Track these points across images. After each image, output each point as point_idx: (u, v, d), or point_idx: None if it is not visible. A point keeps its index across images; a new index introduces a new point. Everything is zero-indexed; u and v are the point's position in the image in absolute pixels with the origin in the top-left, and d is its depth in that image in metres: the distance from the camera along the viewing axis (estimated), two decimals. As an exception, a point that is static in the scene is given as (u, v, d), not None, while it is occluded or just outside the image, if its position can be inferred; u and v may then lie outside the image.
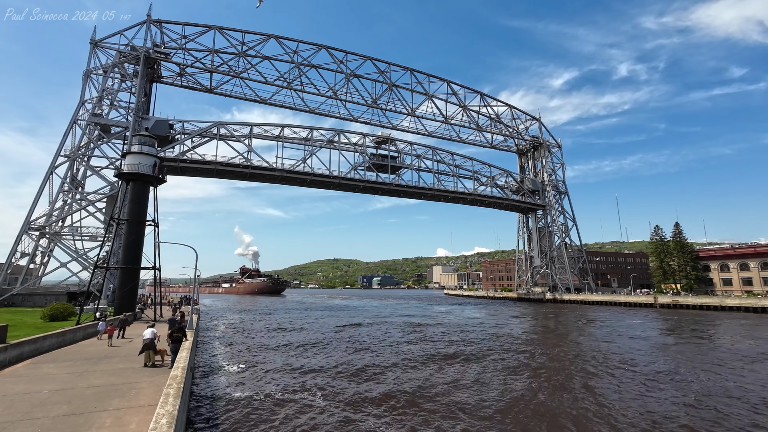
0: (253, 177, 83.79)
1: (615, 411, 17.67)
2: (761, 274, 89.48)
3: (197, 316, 44.10)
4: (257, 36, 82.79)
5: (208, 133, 77.16)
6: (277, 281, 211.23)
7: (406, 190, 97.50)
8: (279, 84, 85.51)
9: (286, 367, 26.31)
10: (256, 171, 79.86)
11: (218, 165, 76.53)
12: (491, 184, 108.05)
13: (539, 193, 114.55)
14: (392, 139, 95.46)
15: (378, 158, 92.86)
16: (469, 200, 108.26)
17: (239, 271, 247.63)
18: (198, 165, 75.69)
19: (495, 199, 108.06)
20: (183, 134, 75.77)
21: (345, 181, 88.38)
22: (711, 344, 36.13)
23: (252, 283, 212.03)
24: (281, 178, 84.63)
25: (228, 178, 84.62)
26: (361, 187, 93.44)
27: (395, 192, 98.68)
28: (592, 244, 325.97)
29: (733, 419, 16.71)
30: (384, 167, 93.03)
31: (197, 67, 79.75)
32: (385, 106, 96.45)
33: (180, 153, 74.21)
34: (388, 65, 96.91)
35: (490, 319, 61.16)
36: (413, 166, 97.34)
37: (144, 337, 17.68)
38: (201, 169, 77.72)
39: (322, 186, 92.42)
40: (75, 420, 10.43)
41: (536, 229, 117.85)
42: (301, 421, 16.29)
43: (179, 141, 74.84)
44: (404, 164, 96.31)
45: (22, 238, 58.90)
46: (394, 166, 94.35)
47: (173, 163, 72.12)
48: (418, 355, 31.16)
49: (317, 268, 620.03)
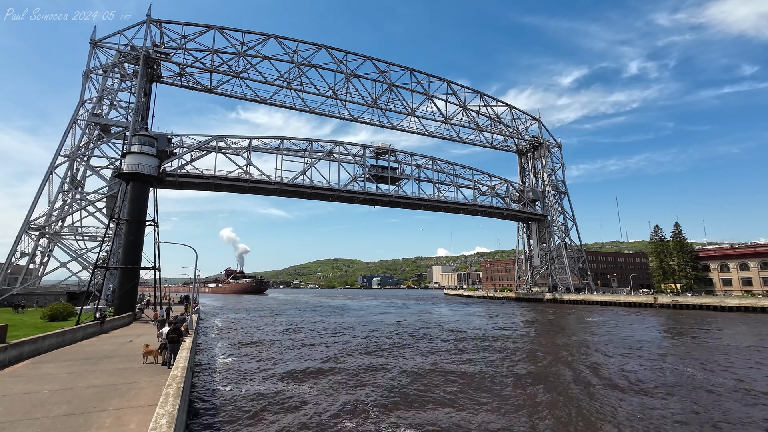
0: (252, 190, 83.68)
1: (615, 411, 17.68)
2: (761, 274, 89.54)
3: (197, 316, 44.11)
4: (257, 36, 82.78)
5: (207, 147, 76.93)
6: (259, 282, 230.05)
7: (406, 202, 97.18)
8: (279, 84, 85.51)
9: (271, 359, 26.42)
10: (254, 185, 79.64)
11: (217, 179, 76.31)
12: (492, 193, 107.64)
13: (540, 202, 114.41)
14: (392, 150, 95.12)
15: (378, 169, 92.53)
16: (470, 210, 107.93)
17: (224, 273, 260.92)
18: (196, 179, 75.53)
19: (496, 209, 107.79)
20: (182, 148, 75.37)
21: (344, 193, 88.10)
22: (711, 344, 36.15)
23: (237, 283, 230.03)
24: (280, 191, 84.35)
25: (226, 191, 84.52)
26: (361, 198, 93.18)
27: (395, 203, 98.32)
28: (591, 244, 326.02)
29: (732, 420, 16.73)
30: (384, 178, 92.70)
31: (197, 67, 79.74)
32: (385, 106, 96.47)
33: (179, 166, 74.01)
34: (388, 65, 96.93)
35: (483, 318, 61.20)
36: (413, 177, 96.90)
37: (162, 335, 18.05)
38: (199, 183, 77.60)
39: (322, 198, 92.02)
40: (75, 420, 10.43)
41: (536, 230, 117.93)
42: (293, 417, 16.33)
43: (177, 155, 74.34)
44: (404, 175, 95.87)
45: (22, 238, 58.91)
46: (394, 177, 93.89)
47: (171, 178, 71.79)
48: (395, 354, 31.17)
49: (317, 268, 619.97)
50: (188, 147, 75.89)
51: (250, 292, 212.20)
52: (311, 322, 57.99)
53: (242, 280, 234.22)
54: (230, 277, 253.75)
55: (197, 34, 78.66)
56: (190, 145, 76.20)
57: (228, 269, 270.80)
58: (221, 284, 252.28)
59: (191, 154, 76.18)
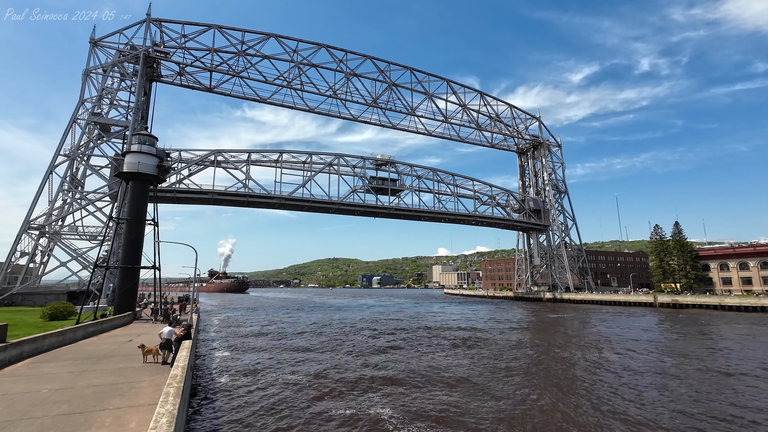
0: (251, 204, 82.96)
1: (614, 412, 17.68)
2: (761, 274, 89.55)
3: (197, 315, 44.13)
4: (257, 35, 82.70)
5: (206, 161, 76.52)
6: (242, 281, 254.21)
7: (406, 213, 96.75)
8: (279, 83, 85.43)
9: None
10: (254, 199, 79.31)
11: (215, 194, 75.81)
12: (493, 203, 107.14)
13: (541, 212, 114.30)
14: (392, 161, 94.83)
15: (378, 181, 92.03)
16: (470, 221, 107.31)
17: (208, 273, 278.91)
18: (195, 195, 75.21)
19: (497, 219, 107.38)
20: (180, 162, 74.82)
21: (344, 206, 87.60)
22: (712, 344, 36.15)
23: (221, 283, 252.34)
24: (279, 205, 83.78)
25: (225, 205, 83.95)
26: (361, 211, 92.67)
27: (395, 215, 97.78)
28: (591, 243, 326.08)
29: (734, 419, 16.74)
30: (384, 190, 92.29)
31: (197, 66, 79.66)
32: (385, 106, 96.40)
33: (177, 181, 73.67)
34: (388, 64, 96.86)
35: (477, 319, 61.23)
36: (413, 188, 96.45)
37: (162, 335, 18.03)
38: (198, 198, 77.19)
39: (322, 211, 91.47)
40: (75, 419, 10.43)
41: (536, 234, 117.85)
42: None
43: (176, 171, 73.76)
44: (404, 186, 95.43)
45: (22, 237, 58.89)
46: (394, 188, 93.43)
47: (170, 194, 71.57)
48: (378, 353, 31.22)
49: (317, 268, 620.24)
50: (187, 162, 75.19)
51: (232, 291, 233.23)
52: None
53: (225, 280, 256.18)
54: (214, 277, 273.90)
55: (197, 33, 78.57)
56: (189, 159, 75.64)
57: (211, 270, 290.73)
58: (205, 284, 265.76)
59: (189, 169, 75.55)
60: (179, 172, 74.31)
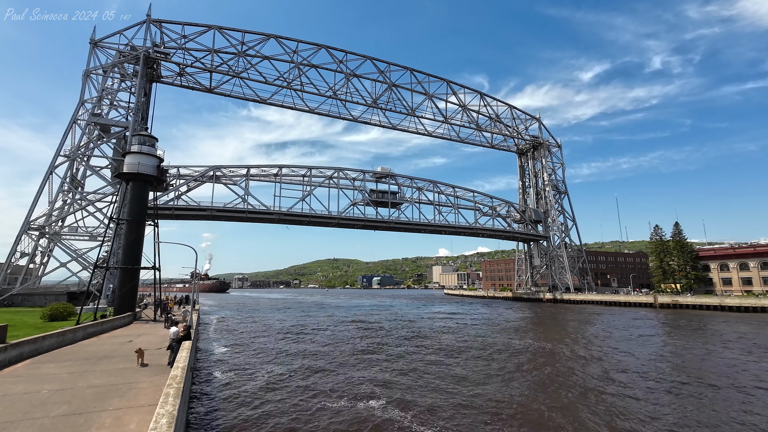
0: (250, 219, 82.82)
1: (614, 412, 17.68)
2: (761, 274, 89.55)
3: (197, 315, 44.11)
4: (257, 36, 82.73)
5: (204, 177, 76.44)
6: (222, 283, 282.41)
7: (406, 226, 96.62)
8: (279, 84, 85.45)
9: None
10: (252, 215, 79.04)
11: (214, 210, 75.69)
12: (493, 215, 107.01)
13: (542, 223, 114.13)
14: (392, 174, 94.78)
15: (378, 194, 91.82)
16: (471, 233, 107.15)
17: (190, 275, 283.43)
18: (194, 212, 75.02)
19: (497, 231, 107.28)
20: (179, 179, 74.73)
21: (344, 220, 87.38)
22: (712, 343, 36.14)
23: (203, 284, 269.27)
24: (278, 220, 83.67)
25: (224, 220, 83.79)
26: (361, 225, 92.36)
27: (395, 228, 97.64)
28: (591, 243, 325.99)
29: (734, 419, 16.73)
30: (384, 203, 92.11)
31: (197, 67, 79.67)
32: (385, 106, 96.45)
33: (175, 197, 73.60)
34: (388, 65, 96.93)
35: (477, 319, 61.22)
36: (413, 200, 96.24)
37: (170, 335, 18.29)
38: (197, 215, 76.98)
39: (321, 225, 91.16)
40: (75, 420, 10.44)
41: (537, 240, 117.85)
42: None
43: (174, 187, 73.54)
44: (404, 198, 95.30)
45: (22, 237, 58.87)
46: (394, 201, 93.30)
47: (168, 211, 71.43)
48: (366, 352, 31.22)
49: (317, 268, 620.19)
50: (185, 178, 75.08)
51: (214, 291, 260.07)
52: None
53: (207, 281, 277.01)
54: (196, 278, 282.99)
55: (197, 34, 78.59)
56: (188, 176, 75.55)
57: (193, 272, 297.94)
58: (188, 284, 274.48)
59: (188, 185, 75.47)
60: (177, 189, 73.99)
